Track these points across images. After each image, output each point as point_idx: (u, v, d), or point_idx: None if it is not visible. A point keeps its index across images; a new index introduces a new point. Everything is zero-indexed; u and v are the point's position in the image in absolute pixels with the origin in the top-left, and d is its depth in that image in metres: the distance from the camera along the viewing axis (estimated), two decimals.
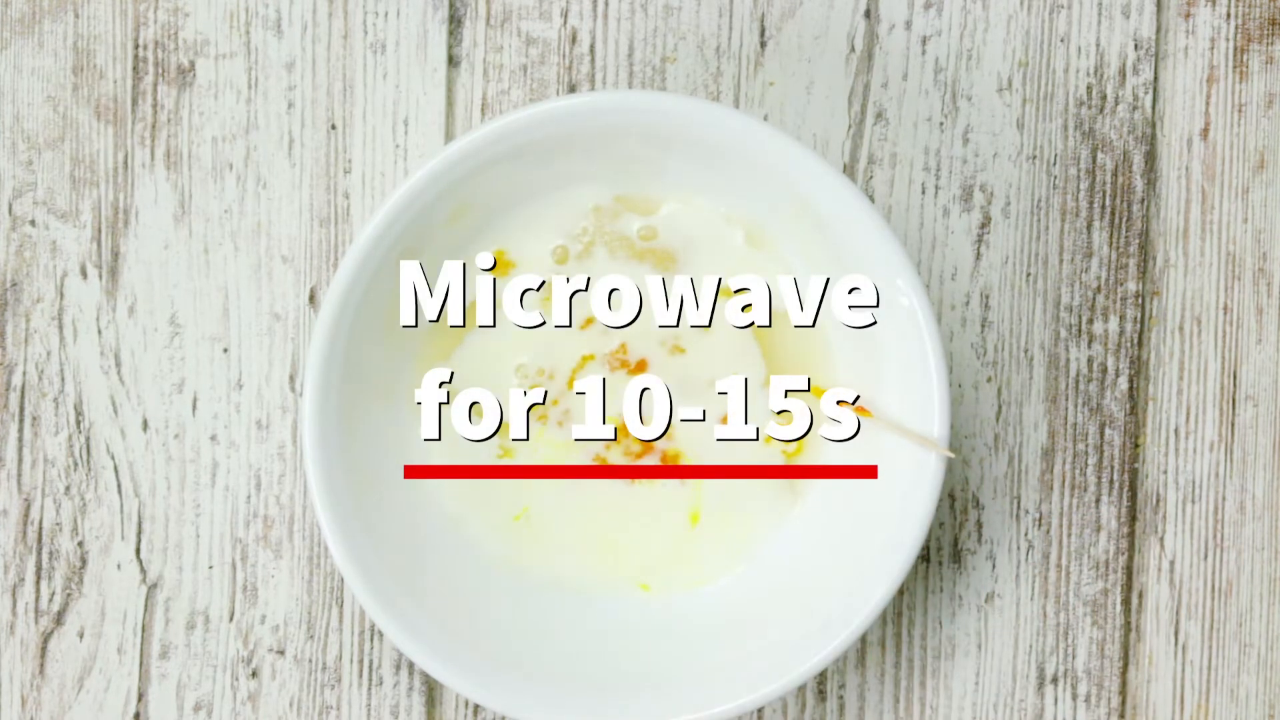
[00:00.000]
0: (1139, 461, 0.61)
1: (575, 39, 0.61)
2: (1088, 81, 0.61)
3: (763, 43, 0.61)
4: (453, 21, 0.61)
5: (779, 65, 0.61)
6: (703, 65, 0.61)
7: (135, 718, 0.61)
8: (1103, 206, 0.61)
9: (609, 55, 0.61)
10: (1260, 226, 0.61)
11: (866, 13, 0.61)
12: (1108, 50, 0.61)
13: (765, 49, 0.61)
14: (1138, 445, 0.61)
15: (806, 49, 0.61)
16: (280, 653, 0.61)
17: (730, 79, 0.61)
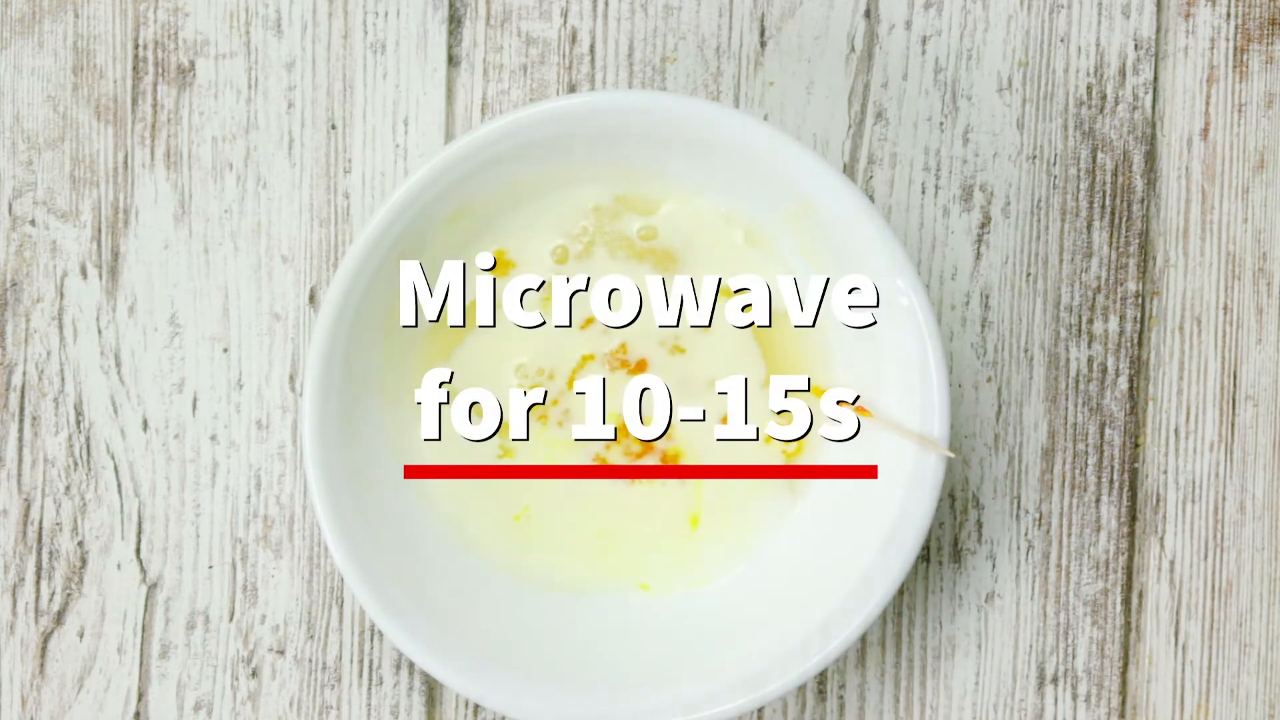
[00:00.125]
0: (1139, 461, 0.61)
1: (575, 39, 0.61)
2: (1088, 81, 0.61)
3: (763, 43, 0.61)
4: (453, 21, 0.61)
5: (779, 65, 0.61)
6: (703, 65, 0.61)
7: (135, 717, 0.61)
8: (1103, 206, 0.61)
9: (609, 55, 0.61)
10: (1260, 226, 0.61)
11: (866, 13, 0.61)
12: (1108, 50, 0.61)
13: (765, 49, 0.61)
14: (1138, 445, 0.61)
15: (806, 49, 0.61)
16: (280, 652, 0.61)
17: (730, 79, 0.61)
